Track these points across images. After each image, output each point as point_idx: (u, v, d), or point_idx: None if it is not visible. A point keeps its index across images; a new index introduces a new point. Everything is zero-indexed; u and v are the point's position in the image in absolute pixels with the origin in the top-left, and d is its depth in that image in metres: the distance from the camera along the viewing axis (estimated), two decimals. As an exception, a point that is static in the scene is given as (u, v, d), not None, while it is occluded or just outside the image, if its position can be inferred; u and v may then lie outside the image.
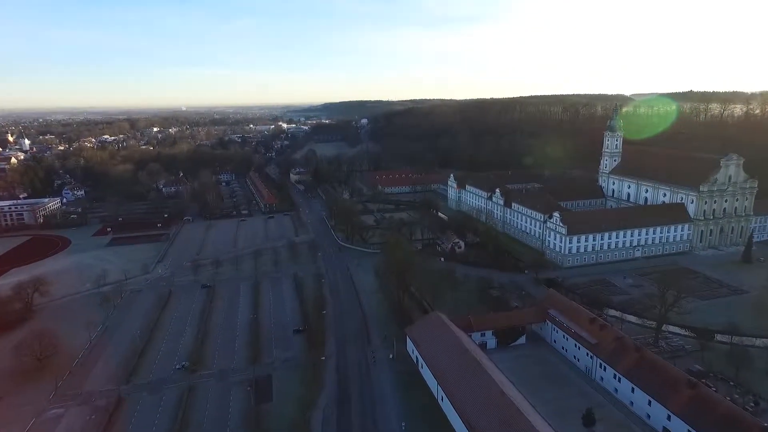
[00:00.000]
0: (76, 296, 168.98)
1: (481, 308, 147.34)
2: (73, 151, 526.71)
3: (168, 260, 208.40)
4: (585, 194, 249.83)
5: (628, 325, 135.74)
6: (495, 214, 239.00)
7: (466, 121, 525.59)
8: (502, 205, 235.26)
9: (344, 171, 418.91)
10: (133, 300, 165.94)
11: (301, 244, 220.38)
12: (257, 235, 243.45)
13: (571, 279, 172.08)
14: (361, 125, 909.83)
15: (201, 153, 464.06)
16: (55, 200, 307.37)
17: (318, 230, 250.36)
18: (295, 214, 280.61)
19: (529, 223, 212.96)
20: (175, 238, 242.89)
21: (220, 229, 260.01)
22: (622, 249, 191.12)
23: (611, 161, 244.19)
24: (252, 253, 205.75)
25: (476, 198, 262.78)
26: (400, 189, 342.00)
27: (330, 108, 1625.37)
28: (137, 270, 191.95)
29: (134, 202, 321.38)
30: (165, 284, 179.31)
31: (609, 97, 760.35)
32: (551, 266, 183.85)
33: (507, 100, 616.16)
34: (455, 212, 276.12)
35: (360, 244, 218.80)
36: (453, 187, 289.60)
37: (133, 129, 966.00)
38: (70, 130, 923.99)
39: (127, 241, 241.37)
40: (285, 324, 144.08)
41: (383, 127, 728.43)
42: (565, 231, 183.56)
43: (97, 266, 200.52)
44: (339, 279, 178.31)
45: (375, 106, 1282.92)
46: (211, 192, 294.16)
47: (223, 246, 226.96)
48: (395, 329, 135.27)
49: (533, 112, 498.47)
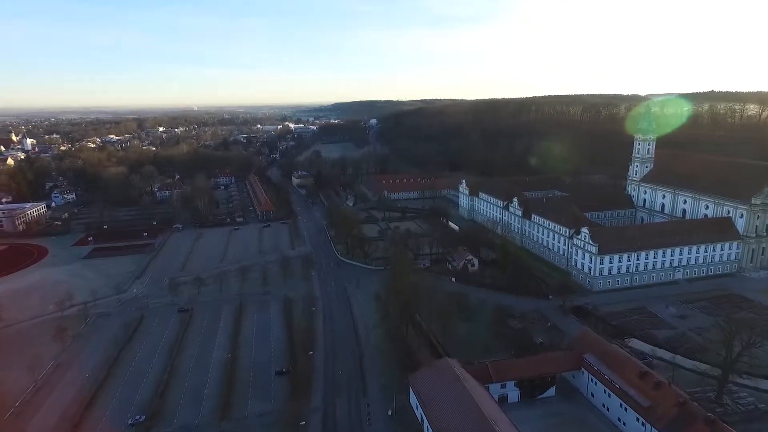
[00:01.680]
0: (34, 322, 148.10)
1: (498, 344, 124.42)
2: (72, 152, 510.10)
3: (147, 276, 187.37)
4: (612, 204, 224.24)
5: (679, 372, 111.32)
6: (512, 226, 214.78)
7: (479, 121, 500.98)
8: (520, 217, 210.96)
9: (349, 174, 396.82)
10: (98, 327, 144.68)
11: (295, 258, 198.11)
12: (249, 247, 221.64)
13: (603, 307, 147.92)
14: (369, 126, 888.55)
15: (200, 155, 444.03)
16: (39, 205, 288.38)
17: (316, 242, 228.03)
18: (293, 223, 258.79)
19: (552, 237, 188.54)
20: (160, 250, 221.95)
21: (210, 239, 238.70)
22: (660, 270, 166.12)
23: (642, 167, 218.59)
24: (240, 269, 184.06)
25: (491, 207, 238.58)
26: (407, 194, 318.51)
27: (340, 108, 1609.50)
28: (110, 288, 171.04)
29: (125, 207, 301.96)
30: (137, 307, 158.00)
31: (624, 97, 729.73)
32: (578, 289, 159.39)
33: (521, 100, 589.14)
34: (467, 222, 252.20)
35: (361, 260, 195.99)
36: (465, 194, 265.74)
37: (140, 129, 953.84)
38: (78, 130, 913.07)
39: (108, 252, 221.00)
40: (266, 362, 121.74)
41: (392, 127, 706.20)
42: (596, 250, 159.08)
43: (68, 283, 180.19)
44: (334, 304, 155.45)
45: (385, 106, 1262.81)
46: (203, 197, 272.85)
47: (210, 259, 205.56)
48: (397, 374, 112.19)
49: (549, 113, 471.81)
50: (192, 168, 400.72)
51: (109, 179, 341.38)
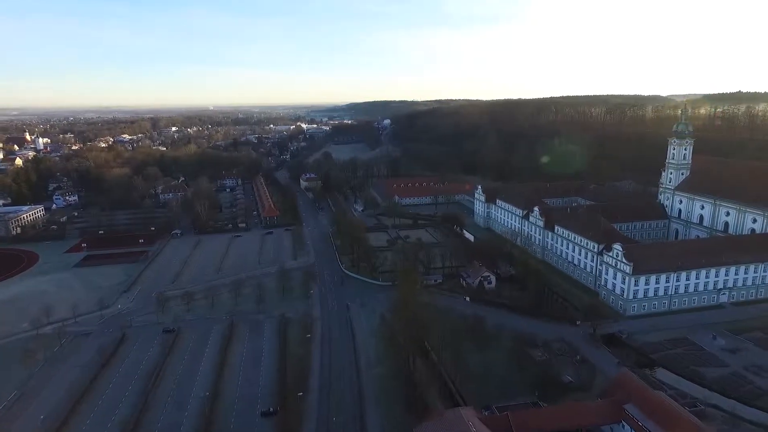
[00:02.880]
0: (3, 342, 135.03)
1: (519, 381, 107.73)
2: (80, 152, 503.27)
3: (136, 289, 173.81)
4: (642, 214, 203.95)
5: (740, 425, 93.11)
6: (533, 237, 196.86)
7: (495, 122, 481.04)
8: (541, 228, 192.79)
9: (359, 177, 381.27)
10: (73, 349, 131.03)
11: (296, 270, 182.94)
12: (248, 257, 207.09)
13: (639, 335, 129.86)
14: (383, 126, 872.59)
15: (207, 156, 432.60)
16: (37, 208, 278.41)
17: (320, 251, 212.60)
18: (298, 230, 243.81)
19: (578, 252, 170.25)
20: (154, 258, 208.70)
21: (208, 247, 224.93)
22: (703, 293, 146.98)
23: (677, 174, 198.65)
24: (235, 282, 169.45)
25: (509, 216, 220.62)
26: (419, 200, 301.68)
27: (354, 108, 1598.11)
28: (94, 303, 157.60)
29: (126, 210, 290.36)
30: (120, 326, 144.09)
31: (645, 98, 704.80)
32: (608, 313, 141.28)
33: (540, 100, 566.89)
34: (483, 231, 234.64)
35: (367, 273, 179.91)
36: (481, 201, 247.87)
37: (153, 128, 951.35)
38: (92, 129, 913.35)
39: (101, 260, 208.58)
40: (253, 400, 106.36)
41: (405, 128, 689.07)
42: (630, 269, 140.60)
43: (52, 295, 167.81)
44: (335, 328, 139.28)
45: (399, 106, 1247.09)
46: (204, 201, 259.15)
47: (205, 271, 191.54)
48: (402, 418, 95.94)
49: (571, 114, 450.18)
50: (199, 169, 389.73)
51: (111, 181, 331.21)
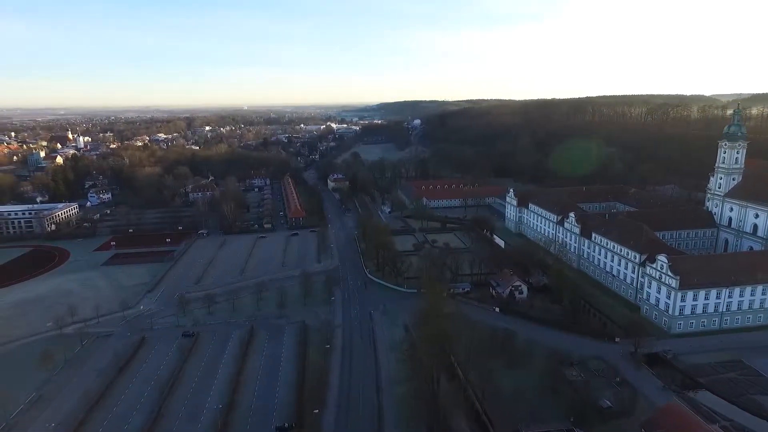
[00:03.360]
0: (28, 341, 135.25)
1: (553, 405, 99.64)
2: (116, 150, 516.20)
3: (160, 290, 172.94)
4: (688, 222, 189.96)
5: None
6: (568, 245, 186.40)
7: (529, 123, 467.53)
8: (577, 235, 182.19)
9: (387, 178, 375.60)
10: (93, 352, 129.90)
11: (319, 274, 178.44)
12: (272, 259, 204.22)
13: (685, 356, 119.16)
14: (412, 126, 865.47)
15: (237, 155, 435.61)
16: (71, 205, 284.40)
17: (345, 254, 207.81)
18: (323, 232, 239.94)
19: (618, 263, 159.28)
20: (180, 258, 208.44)
21: (233, 247, 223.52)
22: (759, 311, 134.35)
23: (728, 180, 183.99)
24: (258, 285, 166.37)
25: (543, 221, 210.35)
26: (448, 202, 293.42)
27: (385, 108, 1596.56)
28: (118, 303, 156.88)
29: (156, 208, 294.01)
30: (141, 328, 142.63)
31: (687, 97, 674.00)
32: (651, 330, 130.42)
33: (576, 100, 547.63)
34: (515, 237, 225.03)
35: (392, 279, 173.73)
36: (513, 205, 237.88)
37: (188, 128, 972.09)
38: (131, 128, 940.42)
39: (128, 259, 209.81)
40: (268, 412, 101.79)
41: (435, 128, 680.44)
42: (677, 283, 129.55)
43: (78, 294, 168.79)
44: (356, 337, 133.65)
45: (430, 106, 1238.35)
46: (230, 202, 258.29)
47: (228, 272, 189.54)
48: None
49: (609, 114, 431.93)
50: (228, 169, 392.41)
51: (143, 179, 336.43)
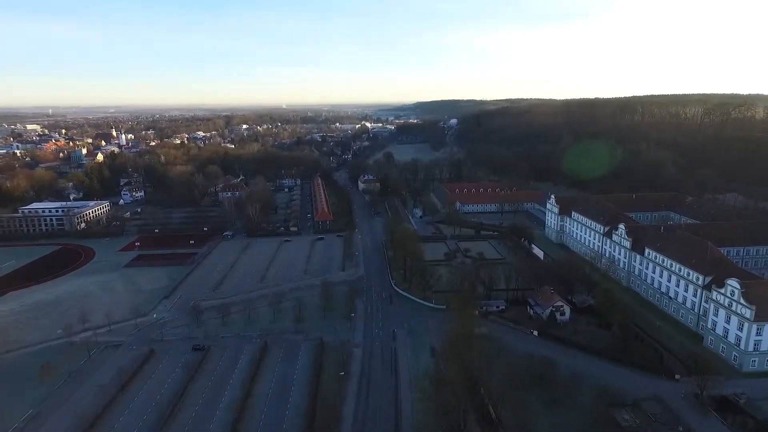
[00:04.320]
0: (36, 348, 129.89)
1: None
2: (154, 148, 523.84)
3: (177, 296, 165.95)
4: (757, 238, 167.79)
5: None
6: (617, 260, 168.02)
7: (571, 123, 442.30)
8: (628, 250, 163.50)
9: (420, 180, 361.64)
10: (100, 363, 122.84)
11: (342, 284, 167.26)
12: (295, 265, 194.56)
13: (763, 402, 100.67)
14: (449, 126, 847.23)
15: (268, 154, 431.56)
16: (102, 204, 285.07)
17: (371, 263, 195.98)
18: (350, 237, 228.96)
19: (676, 284, 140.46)
20: (201, 262, 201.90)
21: (256, 251, 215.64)
22: None
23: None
24: (277, 294, 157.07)
25: (587, 232, 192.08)
26: (483, 207, 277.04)
27: (421, 107, 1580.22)
28: (132, 309, 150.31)
29: (185, 208, 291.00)
30: (151, 338, 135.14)
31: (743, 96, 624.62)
32: (719, 366, 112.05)
33: (622, 99, 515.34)
34: (555, 247, 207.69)
35: (419, 292, 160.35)
36: (554, 212, 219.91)
37: (227, 126, 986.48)
38: (172, 126, 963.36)
39: (150, 261, 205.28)
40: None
41: (472, 128, 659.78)
42: (751, 313, 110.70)
43: (95, 298, 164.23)
44: (376, 361, 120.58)
45: (467, 105, 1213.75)
46: (255, 204, 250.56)
47: (248, 278, 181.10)
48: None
49: (660, 115, 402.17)
50: (259, 168, 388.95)
51: (174, 178, 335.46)
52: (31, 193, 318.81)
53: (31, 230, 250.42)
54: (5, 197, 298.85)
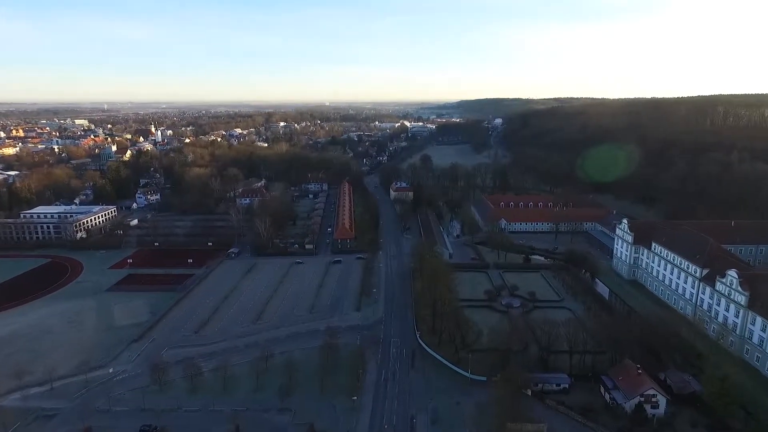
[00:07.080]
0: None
1: None
2: (179, 147, 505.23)
3: (150, 338, 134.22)
4: None
5: None
6: (723, 317, 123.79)
7: (634, 126, 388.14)
8: (743, 307, 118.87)
9: (459, 188, 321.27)
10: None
11: (353, 331, 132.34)
12: (300, 300, 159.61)
13: None
14: (493, 126, 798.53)
15: (295, 156, 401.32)
16: (109, 208, 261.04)
17: (393, 299, 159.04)
18: (372, 260, 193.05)
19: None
20: (193, 289, 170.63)
21: (260, 276, 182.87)
22: None
23: None
24: (269, 342, 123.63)
25: (674, 272, 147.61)
26: (533, 226, 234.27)
27: (464, 105, 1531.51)
28: (89, 359, 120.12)
29: (197, 215, 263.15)
30: (95, 409, 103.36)
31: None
32: None
33: (698, 99, 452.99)
34: (627, 286, 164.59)
35: (451, 351, 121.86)
36: (626, 241, 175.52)
37: (266, 123, 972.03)
38: (212, 123, 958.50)
39: (138, 283, 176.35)
40: None
41: (518, 129, 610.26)
42: None
43: (53, 337, 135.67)
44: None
45: (512, 104, 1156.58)
46: (264, 217, 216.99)
47: (241, 316, 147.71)
48: None
49: (749, 117, 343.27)
50: (285, 171, 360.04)
51: (190, 181, 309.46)
52: (47, 194, 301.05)
53: (27, 238, 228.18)
54: (15, 199, 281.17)
